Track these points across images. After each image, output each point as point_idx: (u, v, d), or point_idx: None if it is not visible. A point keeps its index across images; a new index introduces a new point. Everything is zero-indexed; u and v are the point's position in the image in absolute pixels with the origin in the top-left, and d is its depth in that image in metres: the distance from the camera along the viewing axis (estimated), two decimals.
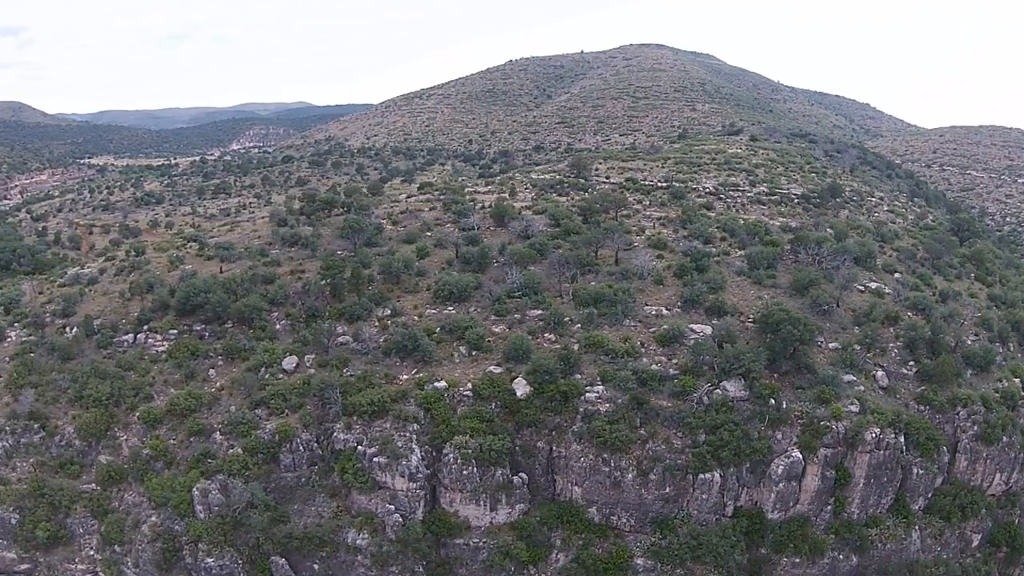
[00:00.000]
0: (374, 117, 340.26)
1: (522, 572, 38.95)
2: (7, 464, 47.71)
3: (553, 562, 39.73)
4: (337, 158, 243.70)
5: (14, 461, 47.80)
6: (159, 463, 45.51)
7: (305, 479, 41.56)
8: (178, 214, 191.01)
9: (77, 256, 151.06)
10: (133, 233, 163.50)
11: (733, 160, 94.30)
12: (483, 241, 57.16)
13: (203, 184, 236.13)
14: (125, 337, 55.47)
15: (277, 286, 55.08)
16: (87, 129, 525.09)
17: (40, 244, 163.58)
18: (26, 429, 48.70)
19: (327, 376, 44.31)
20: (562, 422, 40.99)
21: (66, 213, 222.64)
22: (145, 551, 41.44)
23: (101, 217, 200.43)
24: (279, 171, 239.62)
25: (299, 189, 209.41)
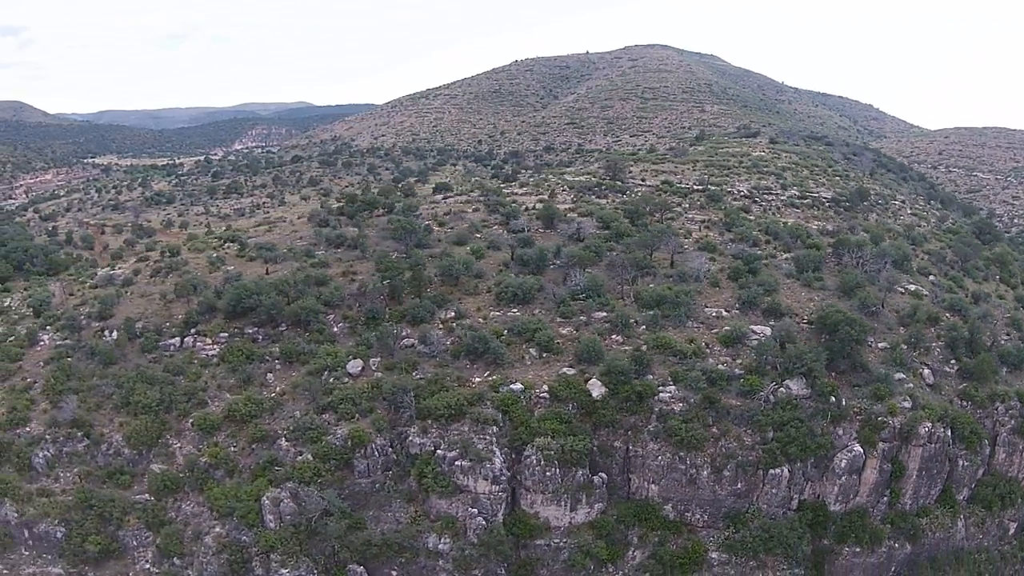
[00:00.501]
0: (380, 117, 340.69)
1: (601, 570, 40.29)
2: (49, 475, 45.79)
3: (630, 559, 41.17)
4: (347, 158, 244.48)
5: (56, 471, 46.00)
6: (219, 471, 44.38)
7: (379, 485, 41.19)
8: (191, 214, 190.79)
9: (91, 256, 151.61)
10: (147, 233, 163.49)
11: (760, 163, 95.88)
12: (535, 243, 58.28)
13: (213, 184, 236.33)
14: (171, 341, 54.29)
15: (332, 288, 54.37)
16: (89, 129, 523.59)
17: (52, 244, 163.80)
18: (69, 437, 47.04)
19: (399, 379, 44.11)
20: (637, 422, 42.38)
21: (74, 213, 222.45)
22: (210, 563, 39.92)
23: (112, 217, 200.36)
24: (289, 171, 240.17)
25: (312, 189, 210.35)
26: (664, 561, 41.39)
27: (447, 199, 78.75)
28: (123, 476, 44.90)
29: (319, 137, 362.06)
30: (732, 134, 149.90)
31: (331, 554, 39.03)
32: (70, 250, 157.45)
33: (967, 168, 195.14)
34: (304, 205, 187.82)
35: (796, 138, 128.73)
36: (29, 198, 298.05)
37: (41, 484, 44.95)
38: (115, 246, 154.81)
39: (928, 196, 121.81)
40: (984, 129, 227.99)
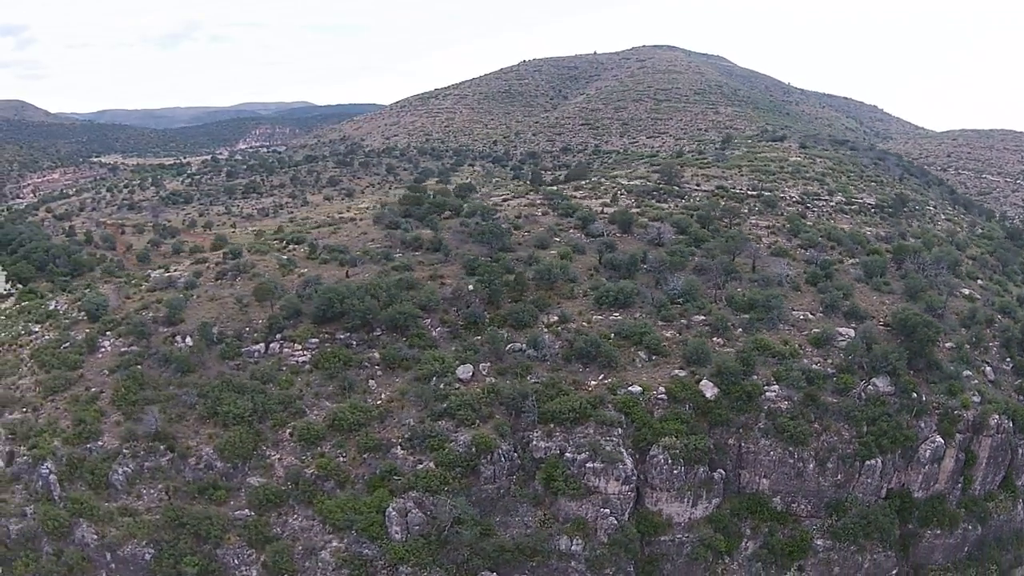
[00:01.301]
0: (389, 117, 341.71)
1: (719, 561, 43.13)
2: (130, 492, 42.75)
3: (743, 550, 44.23)
4: (363, 159, 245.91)
5: (138, 488, 43.03)
6: (329, 483, 42.41)
7: (504, 490, 41.27)
8: (212, 213, 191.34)
9: (113, 256, 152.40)
10: (170, 233, 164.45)
11: (800, 168, 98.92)
12: (617, 247, 60.76)
13: (230, 184, 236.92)
14: (255, 347, 51.78)
15: (426, 291, 53.57)
16: (91, 128, 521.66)
17: (72, 244, 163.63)
18: (151, 451, 44.24)
19: (520, 384, 44.61)
20: (747, 420, 45.32)
21: (89, 212, 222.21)
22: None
23: (128, 216, 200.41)
24: (305, 171, 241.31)
25: (332, 189, 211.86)
26: (775, 550, 44.55)
27: (507, 201, 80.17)
28: (217, 491, 42.04)
29: (327, 137, 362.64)
30: (756, 137, 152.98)
31: (462, 562, 38.70)
32: (93, 250, 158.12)
33: (976, 170, 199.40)
34: (328, 205, 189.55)
35: (825, 143, 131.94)
36: (38, 197, 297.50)
37: (122, 503, 42.08)
38: (139, 246, 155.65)
39: (952, 201, 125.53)
40: (991, 131, 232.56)
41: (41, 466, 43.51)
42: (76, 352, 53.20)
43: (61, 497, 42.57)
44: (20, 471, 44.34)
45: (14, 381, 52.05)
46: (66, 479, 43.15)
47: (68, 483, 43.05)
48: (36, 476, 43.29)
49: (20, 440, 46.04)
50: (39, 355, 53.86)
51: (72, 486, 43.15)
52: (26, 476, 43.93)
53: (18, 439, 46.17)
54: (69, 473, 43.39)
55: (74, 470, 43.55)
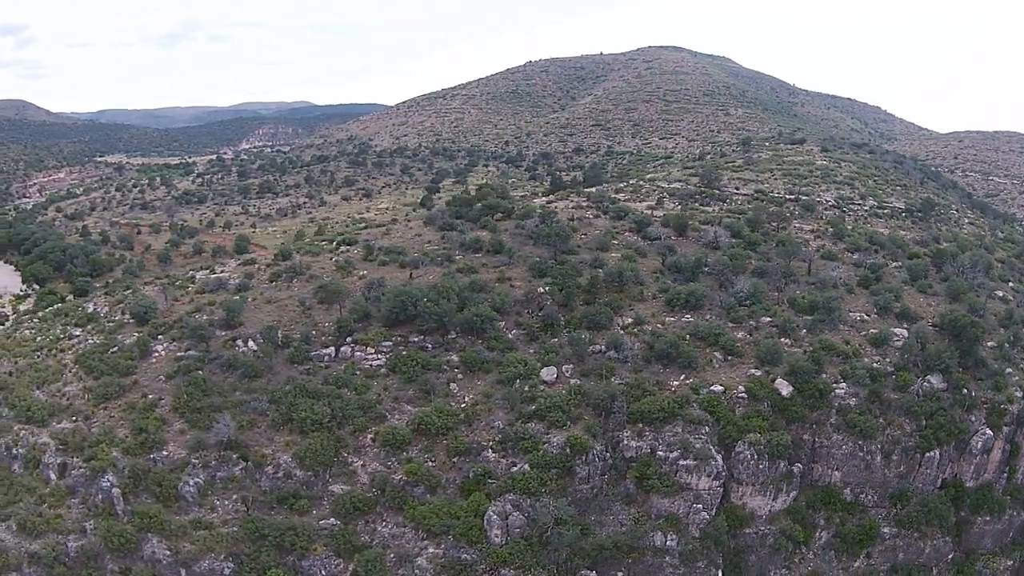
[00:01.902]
0: (396, 117, 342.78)
1: (797, 551, 45.66)
2: (202, 504, 40.90)
3: (818, 539, 46.87)
4: (376, 158, 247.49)
5: (211, 500, 41.18)
6: (419, 488, 41.53)
7: (597, 489, 41.77)
8: (228, 213, 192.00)
9: (132, 256, 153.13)
10: (189, 233, 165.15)
11: (829, 172, 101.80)
12: (677, 250, 62.90)
13: (243, 183, 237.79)
14: (325, 351, 50.61)
15: (498, 294, 53.53)
16: (94, 127, 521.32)
17: (88, 244, 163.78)
18: (223, 461, 42.41)
19: (608, 386, 45.66)
20: (820, 416, 47.93)
21: (100, 212, 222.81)
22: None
23: (142, 216, 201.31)
24: (318, 171, 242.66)
25: (349, 189, 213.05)
26: (846, 539, 47.33)
27: (553, 203, 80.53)
28: (299, 500, 40.49)
29: (334, 136, 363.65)
30: (773, 140, 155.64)
31: (562, 562, 39.02)
32: (110, 251, 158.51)
33: (983, 172, 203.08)
34: (347, 205, 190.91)
35: (845, 146, 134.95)
36: (45, 196, 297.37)
37: (194, 515, 40.19)
38: (157, 246, 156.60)
39: (970, 204, 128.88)
40: (996, 133, 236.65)
41: (101, 479, 41.17)
42: (126, 357, 51.15)
43: (125, 511, 40.31)
44: (76, 484, 42.29)
45: (59, 388, 50.13)
46: (130, 492, 40.93)
47: (132, 496, 40.83)
48: (95, 489, 41.17)
49: (73, 451, 43.92)
50: (85, 360, 51.85)
51: (136, 499, 40.88)
52: (83, 489, 41.87)
53: (70, 450, 44.07)
54: (133, 485, 41.15)
55: (138, 482, 41.38)
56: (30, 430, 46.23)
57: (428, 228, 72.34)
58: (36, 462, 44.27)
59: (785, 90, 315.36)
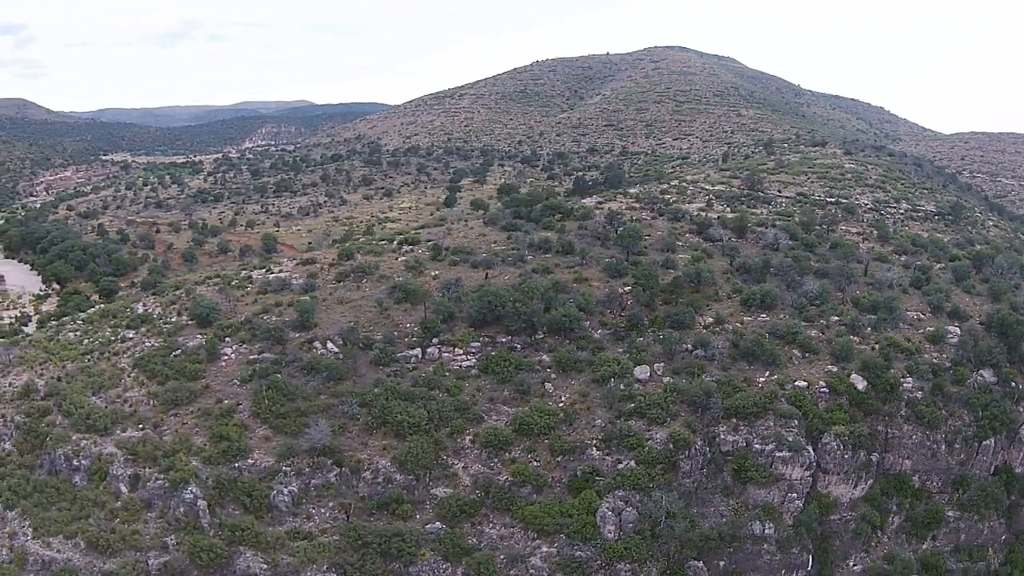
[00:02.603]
0: (404, 116, 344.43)
1: (874, 535, 48.89)
2: (296, 514, 39.55)
3: (891, 524, 50.22)
4: (391, 158, 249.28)
5: (306, 508, 39.99)
6: (525, 488, 41.49)
7: (697, 483, 43.58)
8: (248, 212, 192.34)
9: (156, 256, 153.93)
10: (211, 232, 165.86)
11: (860, 176, 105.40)
12: (740, 251, 64.91)
13: (259, 182, 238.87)
14: (411, 352, 50.41)
15: (581, 294, 54.70)
16: (95, 126, 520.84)
17: (107, 243, 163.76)
18: (317, 467, 41.38)
19: (704, 383, 47.39)
20: (891, 409, 51.16)
21: (114, 210, 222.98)
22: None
23: (158, 215, 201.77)
24: (333, 169, 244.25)
25: (367, 188, 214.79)
26: (916, 522, 50.74)
27: (602, 204, 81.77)
28: (401, 505, 39.65)
29: (341, 135, 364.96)
30: (793, 142, 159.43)
31: (672, 554, 40.12)
32: (132, 249, 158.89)
33: (991, 173, 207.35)
34: (368, 205, 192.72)
35: (867, 149, 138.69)
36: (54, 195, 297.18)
37: (289, 526, 38.78)
38: (179, 245, 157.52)
39: (987, 206, 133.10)
40: (1001, 135, 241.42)
41: (184, 490, 39.16)
42: (193, 360, 49.66)
43: (211, 524, 38.29)
44: (152, 497, 40.06)
45: (119, 394, 48.01)
46: (215, 503, 39.16)
47: (218, 508, 39.08)
48: (176, 502, 39.21)
49: (144, 461, 41.72)
50: (146, 364, 50.05)
51: (223, 511, 39.06)
52: (160, 502, 39.76)
53: (141, 460, 41.87)
54: (219, 496, 39.39)
55: (224, 493, 39.65)
56: (92, 439, 43.48)
57: (491, 228, 73.68)
58: (102, 474, 41.82)
59: (790, 90, 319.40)
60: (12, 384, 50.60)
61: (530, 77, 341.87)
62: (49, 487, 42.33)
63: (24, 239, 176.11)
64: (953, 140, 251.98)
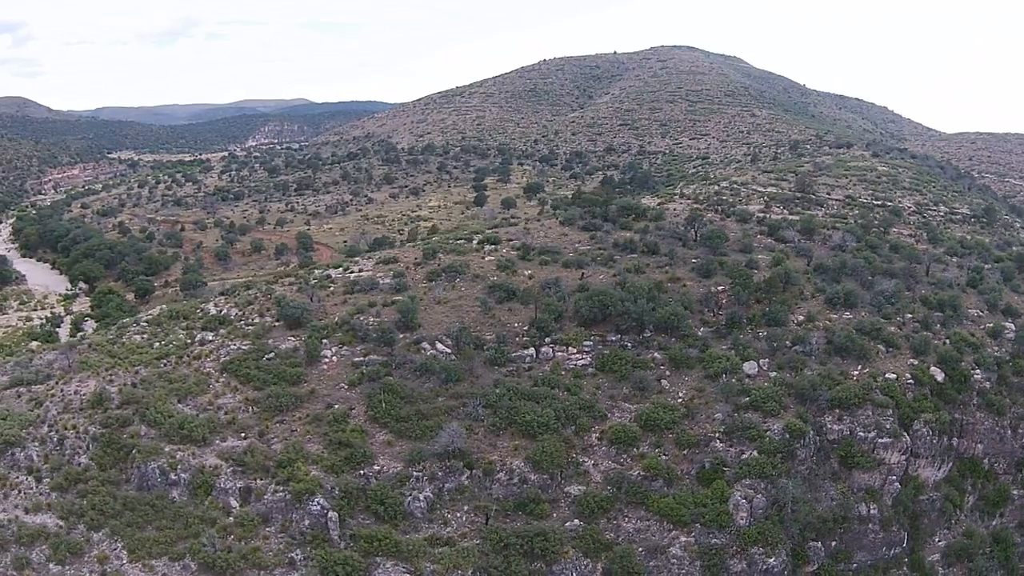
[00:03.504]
0: (414, 114, 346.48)
1: (954, 513, 53.39)
2: (432, 519, 39.17)
3: (966, 503, 54.64)
4: (408, 156, 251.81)
5: (441, 513, 39.54)
6: (657, 482, 42.87)
7: (809, 469, 46.53)
8: (273, 211, 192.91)
9: (184, 254, 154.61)
10: (240, 230, 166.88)
11: (896, 179, 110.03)
12: (813, 252, 68.10)
13: (275, 180, 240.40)
14: (525, 352, 51.10)
15: (682, 293, 57.05)
16: (97, 124, 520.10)
17: (134, 242, 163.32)
18: (449, 471, 41.14)
19: (811, 377, 50.64)
20: (965, 398, 55.44)
21: (131, 208, 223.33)
22: (683, 570, 39.81)
23: (180, 213, 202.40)
24: (352, 167, 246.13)
25: (390, 186, 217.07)
26: (987, 501, 55.25)
27: (663, 205, 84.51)
28: (539, 505, 40.06)
29: (350, 134, 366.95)
30: (815, 142, 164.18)
31: (795, 536, 43.05)
32: (161, 248, 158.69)
33: (999, 174, 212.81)
34: (395, 203, 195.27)
35: (893, 151, 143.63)
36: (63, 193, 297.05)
37: (428, 532, 38.34)
38: (209, 244, 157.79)
39: (1007, 208, 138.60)
40: (1007, 135, 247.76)
41: (309, 502, 37.80)
42: (291, 364, 48.43)
43: (341, 536, 37.09)
44: (270, 510, 38.24)
45: (210, 400, 45.88)
46: (345, 514, 38.19)
47: (348, 518, 38.31)
48: (300, 514, 37.79)
49: (255, 472, 40.03)
50: (236, 368, 48.48)
51: (352, 521, 38.16)
52: (280, 516, 38.08)
53: (251, 471, 40.06)
54: (347, 507, 38.39)
55: (353, 502, 38.71)
56: (190, 451, 41.29)
57: (570, 228, 74.77)
58: (207, 488, 39.47)
59: (797, 90, 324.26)
60: (78, 392, 46.54)
61: (539, 76, 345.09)
62: (142, 504, 38.80)
63: (42, 237, 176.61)
64: (959, 140, 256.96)
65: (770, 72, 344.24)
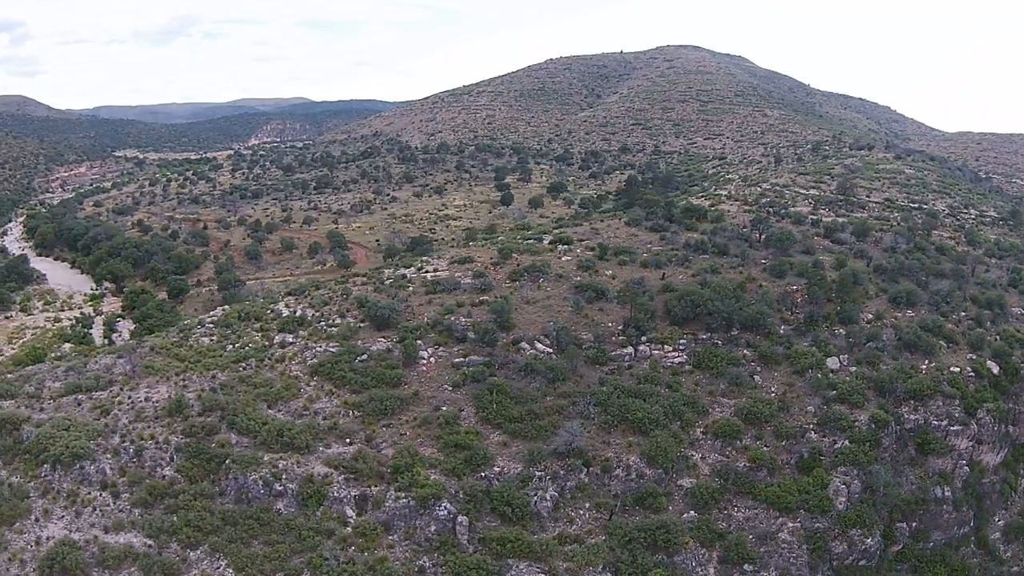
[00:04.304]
0: (422, 113, 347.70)
1: (1011, 495, 57.58)
2: (557, 518, 39.79)
3: (1020, 485, 58.77)
4: (424, 154, 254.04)
5: (566, 512, 40.33)
6: (761, 472, 45.51)
7: (891, 456, 49.83)
8: (295, 209, 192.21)
9: (213, 253, 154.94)
10: (268, 229, 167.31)
11: (924, 181, 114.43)
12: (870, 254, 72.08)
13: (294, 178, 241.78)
14: (624, 351, 52.72)
15: (763, 293, 60.47)
16: (99, 123, 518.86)
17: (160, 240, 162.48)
18: (570, 470, 42.15)
19: (890, 371, 54.47)
20: (1016, 389, 59.61)
21: (146, 207, 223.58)
22: (794, 555, 42.65)
23: (199, 211, 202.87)
24: (368, 165, 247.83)
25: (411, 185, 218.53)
26: None
27: (715, 206, 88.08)
28: (656, 499, 41.87)
29: (358, 132, 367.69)
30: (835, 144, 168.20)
31: (885, 518, 47.04)
32: (188, 247, 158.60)
33: (1006, 175, 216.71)
34: (419, 202, 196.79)
35: (916, 155, 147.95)
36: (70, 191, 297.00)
37: (556, 531, 38.95)
38: (236, 242, 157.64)
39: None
40: (1012, 136, 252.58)
41: (436, 507, 37.56)
42: (387, 366, 48.07)
43: (470, 540, 36.98)
44: (391, 518, 37.51)
45: (305, 405, 44.53)
46: (473, 518, 38.28)
47: (475, 521, 38.29)
48: (425, 520, 37.53)
49: (368, 479, 39.07)
50: (328, 371, 47.60)
51: (479, 524, 38.20)
52: (403, 523, 37.57)
53: (364, 479, 39.05)
54: (474, 510, 38.42)
55: (478, 505, 38.70)
56: (293, 459, 39.77)
57: (637, 229, 77.23)
58: (318, 497, 38.02)
59: (802, 90, 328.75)
60: (149, 398, 44.21)
61: (546, 75, 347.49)
62: (245, 518, 36.84)
63: (59, 236, 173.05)
64: (964, 140, 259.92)
65: (775, 72, 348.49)
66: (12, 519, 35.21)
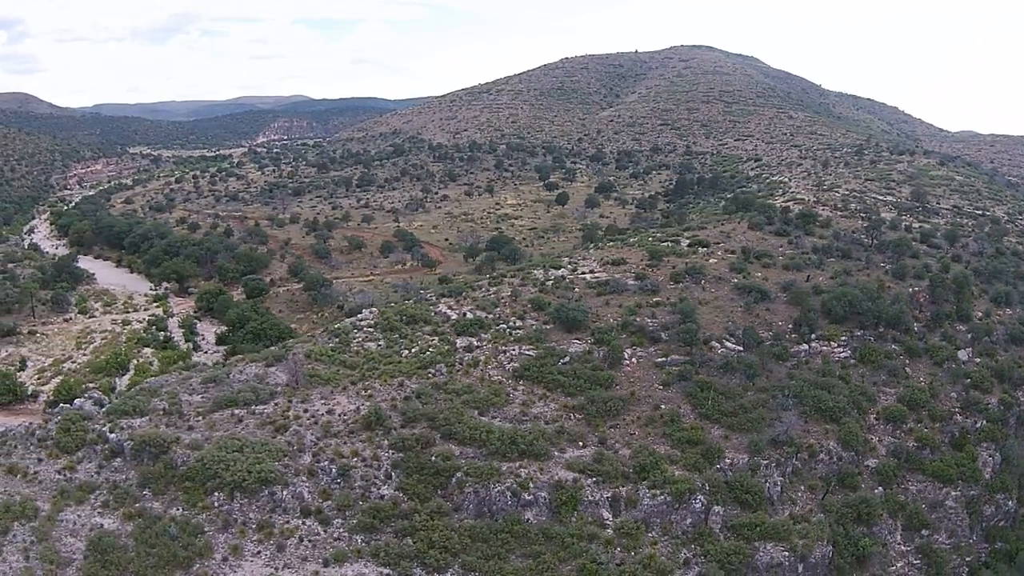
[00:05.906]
0: (441, 111, 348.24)
1: None
2: (783, 501, 43.93)
3: None
4: (458, 152, 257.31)
5: (790, 495, 44.68)
6: (925, 450, 52.20)
7: (1015, 433, 57.58)
8: (345, 207, 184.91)
9: (279, 252, 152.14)
10: (327, 227, 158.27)
11: (974, 187, 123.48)
12: (963, 258, 78.85)
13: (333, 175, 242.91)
14: (801, 347, 57.48)
15: (895, 294, 65.89)
16: (102, 120, 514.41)
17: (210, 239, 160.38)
18: (787, 456, 46.21)
19: (1007, 361, 61.34)
20: None
21: (182, 204, 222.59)
22: (957, 519, 50.26)
23: (242, 209, 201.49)
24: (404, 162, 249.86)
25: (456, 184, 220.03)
26: None
27: (790, 205, 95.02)
28: (852, 478, 48.31)
29: (375, 130, 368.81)
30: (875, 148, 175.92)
31: (1018, 485, 53.88)
32: (251, 245, 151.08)
33: (1021, 176, 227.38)
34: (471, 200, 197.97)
35: (958, 161, 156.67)
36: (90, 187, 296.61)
37: (786, 512, 43.30)
38: (296, 240, 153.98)
39: None
40: (1022, 138, 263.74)
41: (692, 500, 39.73)
42: (594, 368, 49.33)
43: (721, 529, 39.92)
44: (648, 515, 38.85)
45: (521, 410, 43.97)
46: (722, 507, 41.39)
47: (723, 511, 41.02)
48: (682, 514, 39.43)
49: (615, 480, 39.42)
50: (535, 375, 47.83)
51: (725, 510, 40.94)
52: (659, 519, 39.06)
53: (611, 480, 39.42)
54: (719, 500, 41.05)
55: (723, 495, 41.36)
56: (536, 466, 38.92)
57: (761, 232, 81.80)
58: (572, 503, 37.71)
59: (815, 91, 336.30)
60: (332, 411, 41.03)
61: (564, 74, 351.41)
62: (494, 532, 35.35)
63: (97, 233, 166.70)
64: (977, 142, 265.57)
65: (788, 72, 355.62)
66: (189, 561, 30.52)
